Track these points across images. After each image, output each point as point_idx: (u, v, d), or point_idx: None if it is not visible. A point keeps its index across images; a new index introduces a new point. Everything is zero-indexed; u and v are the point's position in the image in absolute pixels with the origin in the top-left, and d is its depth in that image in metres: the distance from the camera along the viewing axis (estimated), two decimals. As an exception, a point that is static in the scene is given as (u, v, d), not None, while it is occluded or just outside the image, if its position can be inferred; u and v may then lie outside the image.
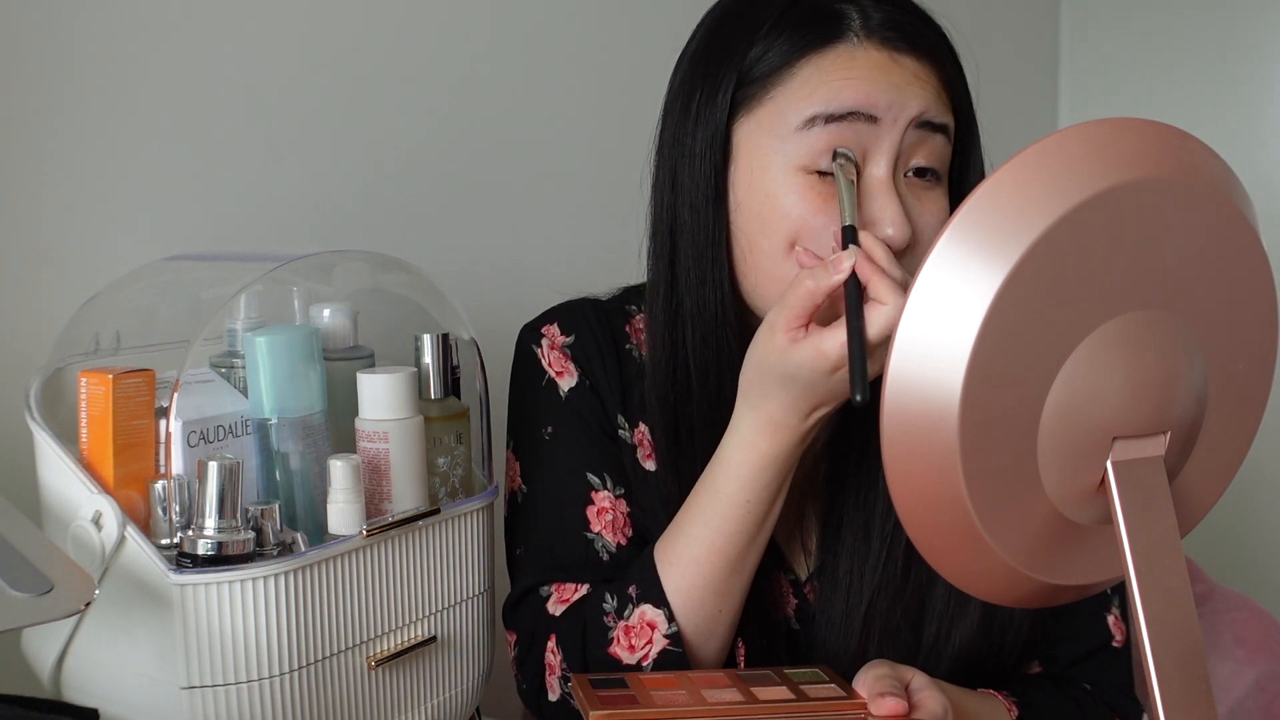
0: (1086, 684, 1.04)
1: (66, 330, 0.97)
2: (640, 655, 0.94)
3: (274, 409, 0.90)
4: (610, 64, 1.58)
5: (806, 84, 0.92)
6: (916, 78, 0.92)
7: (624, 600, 0.95)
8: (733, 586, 0.94)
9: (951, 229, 0.64)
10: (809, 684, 0.90)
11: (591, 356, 1.05)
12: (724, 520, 0.92)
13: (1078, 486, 0.68)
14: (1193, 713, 0.66)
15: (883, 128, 0.91)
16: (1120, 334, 0.66)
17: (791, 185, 0.92)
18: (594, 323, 1.06)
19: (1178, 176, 0.66)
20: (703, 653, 0.95)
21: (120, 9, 1.14)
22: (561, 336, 1.06)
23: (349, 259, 1.07)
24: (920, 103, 0.92)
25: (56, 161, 1.11)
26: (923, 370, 0.64)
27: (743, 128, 0.95)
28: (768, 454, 0.90)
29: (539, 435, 1.05)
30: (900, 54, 0.92)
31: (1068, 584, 0.73)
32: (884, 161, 0.91)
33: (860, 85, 0.91)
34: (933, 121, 0.92)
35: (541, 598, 1.00)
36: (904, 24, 0.93)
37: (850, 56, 0.92)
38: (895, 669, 0.89)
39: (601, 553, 1.00)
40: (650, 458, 1.03)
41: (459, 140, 1.43)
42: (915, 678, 0.89)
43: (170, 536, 0.86)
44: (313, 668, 0.87)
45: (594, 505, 1.02)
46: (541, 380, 1.06)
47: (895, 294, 0.82)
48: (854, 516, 1.00)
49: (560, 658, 0.97)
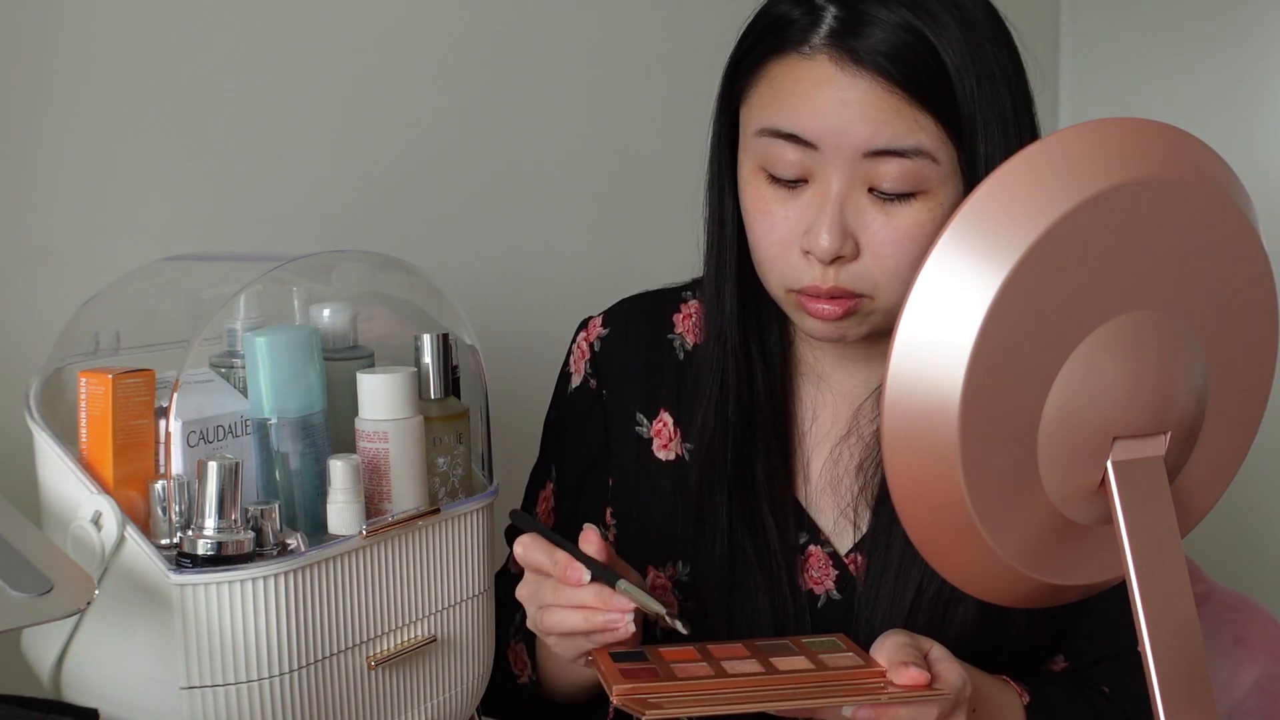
0: (1106, 688, 1.03)
1: (66, 330, 0.97)
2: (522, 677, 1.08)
3: (274, 409, 0.90)
4: (611, 65, 1.57)
5: (761, 92, 0.93)
6: (868, 97, 0.87)
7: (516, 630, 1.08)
8: None
9: (951, 229, 0.64)
10: (827, 653, 0.89)
11: (613, 356, 1.10)
12: None
13: (1078, 486, 0.68)
14: (1193, 713, 0.66)
15: (825, 154, 0.89)
16: (1120, 334, 0.66)
17: (750, 182, 0.95)
18: (637, 316, 1.11)
19: (1178, 176, 0.66)
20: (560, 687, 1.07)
21: (121, 9, 1.14)
22: (600, 329, 1.12)
23: (349, 259, 1.07)
24: (865, 129, 0.87)
25: (56, 161, 1.11)
26: (923, 370, 0.64)
27: (743, 115, 0.97)
28: None
29: (549, 416, 1.15)
30: (856, 67, 0.87)
31: (1068, 584, 0.73)
32: (833, 180, 0.90)
33: (801, 108, 0.89)
34: (889, 149, 0.87)
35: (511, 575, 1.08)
36: (866, 29, 0.87)
37: (795, 68, 0.90)
38: (914, 638, 0.88)
39: None
40: (666, 447, 1.07)
41: (459, 140, 1.43)
42: (934, 649, 0.88)
43: (170, 536, 0.86)
44: (312, 668, 0.87)
45: (544, 490, 1.14)
46: (566, 369, 1.14)
47: None
48: None
49: None
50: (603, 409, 1.10)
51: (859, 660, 0.88)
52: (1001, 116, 0.90)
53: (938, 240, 0.64)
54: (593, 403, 1.11)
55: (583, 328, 1.13)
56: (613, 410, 1.10)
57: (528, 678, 1.08)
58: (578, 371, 1.12)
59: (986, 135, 0.90)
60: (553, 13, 1.52)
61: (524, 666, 1.08)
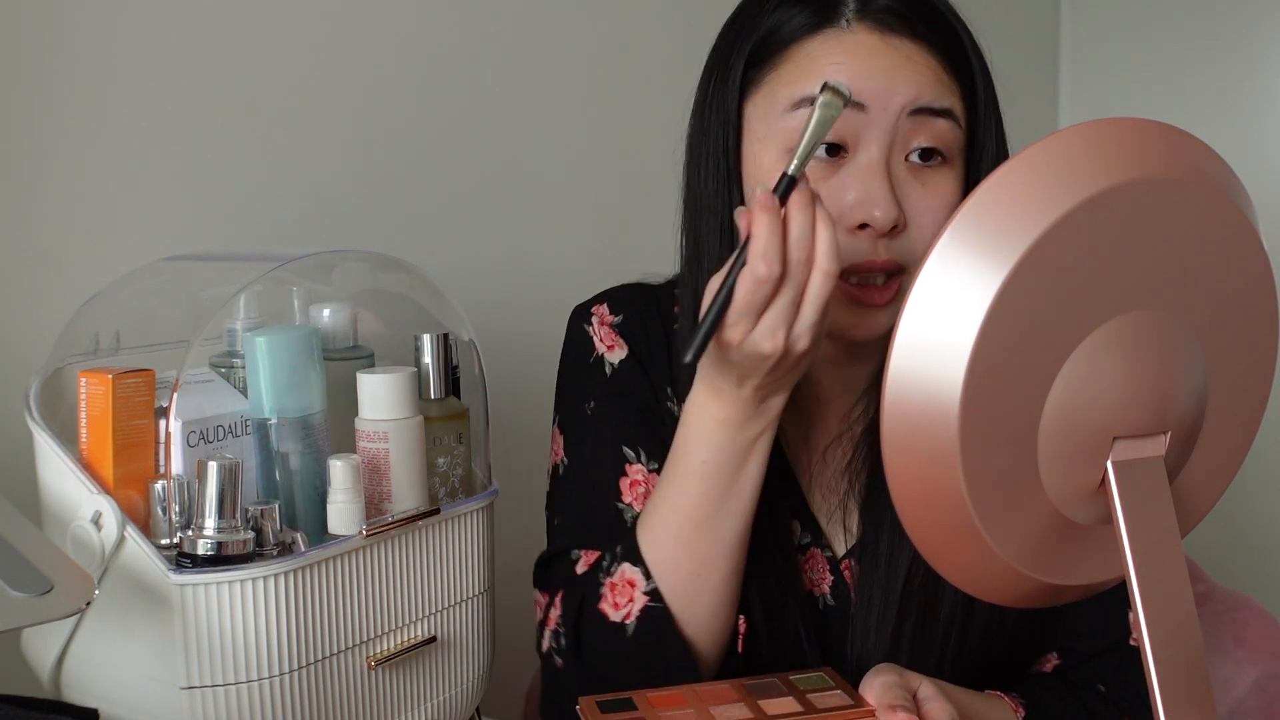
0: (1101, 685, 1.03)
1: (66, 330, 0.97)
2: (624, 613, 0.94)
3: (274, 409, 0.90)
4: (611, 65, 1.58)
5: (796, 67, 0.93)
6: (910, 60, 0.91)
7: (611, 558, 0.96)
8: (705, 550, 0.93)
9: (951, 229, 0.64)
10: (815, 691, 0.89)
11: (638, 334, 1.06)
12: (685, 479, 0.92)
13: (1078, 486, 0.68)
14: (1193, 713, 0.66)
15: (872, 115, 0.91)
16: (1120, 334, 0.66)
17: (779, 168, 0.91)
18: (642, 303, 1.08)
19: (1178, 176, 0.66)
20: (688, 617, 0.94)
21: (121, 10, 1.14)
22: (611, 315, 1.08)
23: (349, 259, 1.07)
24: (912, 88, 0.91)
25: (57, 162, 1.11)
26: (923, 370, 0.64)
27: (749, 110, 0.96)
28: (717, 415, 0.90)
29: (582, 410, 1.06)
30: (893, 36, 0.91)
31: (1068, 584, 0.73)
32: (875, 147, 0.91)
33: (846, 70, 0.90)
34: (930, 107, 0.91)
35: (571, 560, 1.01)
36: (899, 6, 0.92)
37: (838, 40, 0.92)
38: (903, 675, 0.89)
39: (630, 522, 1.01)
40: None
41: (459, 140, 1.43)
42: (922, 686, 0.89)
43: (170, 536, 0.86)
44: (313, 668, 0.87)
45: (627, 477, 1.03)
46: (590, 356, 1.07)
47: (759, 257, 0.79)
48: None
49: (559, 614, 0.98)
50: (649, 380, 1.06)
51: (847, 699, 0.88)
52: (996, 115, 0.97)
53: (938, 240, 0.64)
54: (642, 373, 1.05)
55: (584, 316, 1.08)
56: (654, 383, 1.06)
57: (635, 611, 0.95)
58: (617, 347, 1.06)
59: (986, 124, 0.96)
60: (553, 13, 1.52)
61: (630, 599, 0.95)
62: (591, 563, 0.99)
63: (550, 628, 0.99)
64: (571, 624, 0.96)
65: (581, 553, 1.01)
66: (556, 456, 1.08)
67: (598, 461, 1.04)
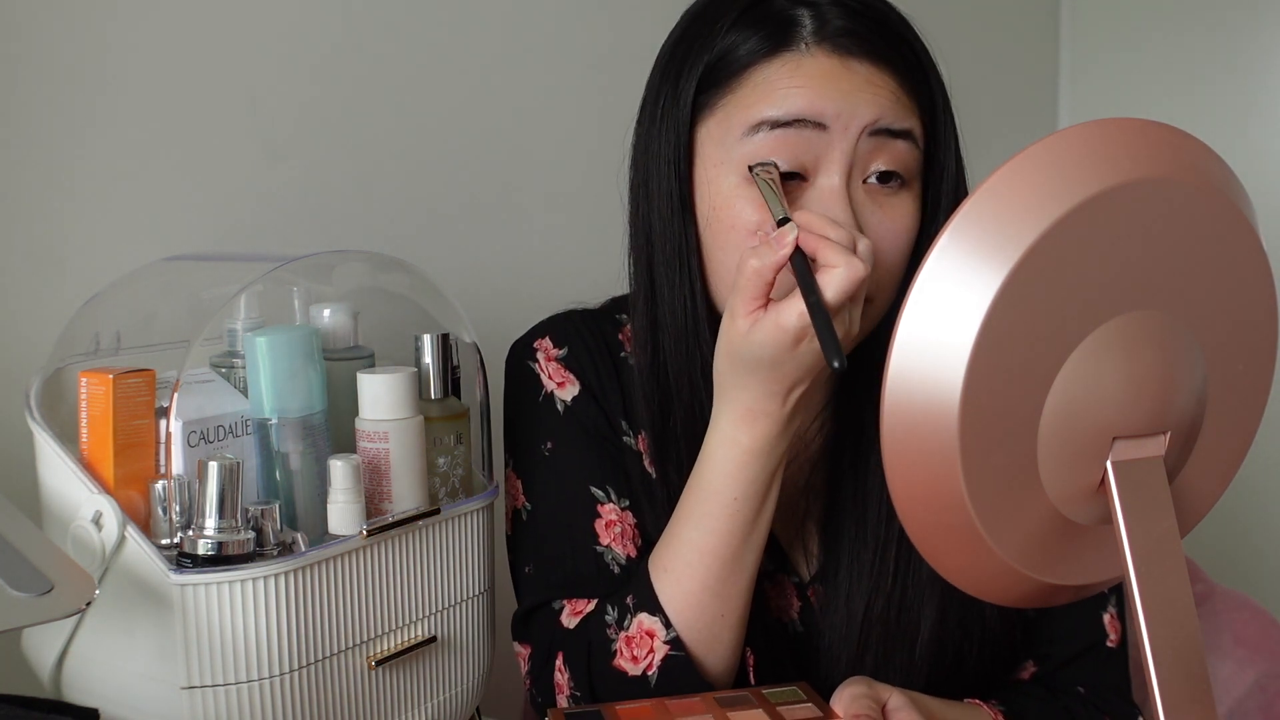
0: (1080, 687, 1.03)
1: (66, 330, 0.97)
2: (644, 665, 0.92)
3: (274, 409, 0.90)
4: (612, 66, 1.57)
5: (754, 92, 0.91)
6: (870, 83, 0.89)
7: (623, 611, 0.94)
8: (731, 588, 0.92)
9: (951, 229, 0.64)
10: (787, 704, 0.89)
11: (587, 366, 1.03)
12: (714, 520, 0.90)
13: (1078, 486, 0.68)
14: (1193, 713, 0.66)
15: (833, 135, 0.89)
16: (1120, 334, 0.66)
17: (741, 192, 0.91)
18: (585, 333, 1.05)
19: (1178, 176, 0.66)
20: (710, 659, 0.93)
21: (121, 9, 1.14)
22: (555, 349, 1.04)
23: (349, 259, 1.07)
24: (873, 109, 0.89)
25: (56, 162, 1.11)
26: (922, 370, 0.64)
27: (702, 133, 0.94)
28: (750, 447, 0.88)
29: (539, 452, 1.03)
30: (852, 59, 0.90)
31: (1067, 584, 0.73)
32: (836, 171, 0.90)
33: (806, 93, 0.89)
34: (889, 128, 0.90)
35: (554, 611, 0.99)
36: (858, 28, 0.90)
37: (797, 65, 0.90)
38: (873, 687, 0.89)
39: (613, 565, 0.99)
40: (651, 465, 1.02)
41: (460, 140, 1.43)
42: (892, 697, 0.89)
43: (170, 536, 0.86)
44: (313, 668, 0.87)
45: (601, 519, 1.00)
46: (539, 394, 1.04)
47: (842, 255, 0.81)
48: (851, 519, 1.00)
49: (568, 677, 0.96)
50: (605, 414, 1.03)
51: (818, 712, 0.88)
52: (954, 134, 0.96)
53: (938, 240, 0.64)
54: (597, 408, 1.03)
55: (526, 352, 1.05)
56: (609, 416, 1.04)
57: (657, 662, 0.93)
58: (568, 383, 1.03)
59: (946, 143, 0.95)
60: (553, 13, 1.52)
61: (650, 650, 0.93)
62: (584, 613, 0.97)
63: (564, 694, 0.96)
64: (585, 686, 0.94)
65: (565, 602, 0.99)
66: (517, 501, 1.04)
67: (566, 505, 1.01)
